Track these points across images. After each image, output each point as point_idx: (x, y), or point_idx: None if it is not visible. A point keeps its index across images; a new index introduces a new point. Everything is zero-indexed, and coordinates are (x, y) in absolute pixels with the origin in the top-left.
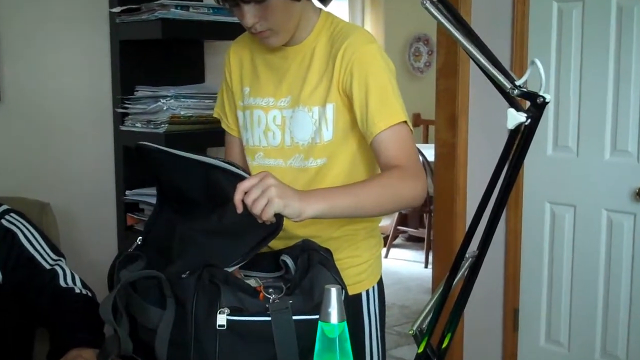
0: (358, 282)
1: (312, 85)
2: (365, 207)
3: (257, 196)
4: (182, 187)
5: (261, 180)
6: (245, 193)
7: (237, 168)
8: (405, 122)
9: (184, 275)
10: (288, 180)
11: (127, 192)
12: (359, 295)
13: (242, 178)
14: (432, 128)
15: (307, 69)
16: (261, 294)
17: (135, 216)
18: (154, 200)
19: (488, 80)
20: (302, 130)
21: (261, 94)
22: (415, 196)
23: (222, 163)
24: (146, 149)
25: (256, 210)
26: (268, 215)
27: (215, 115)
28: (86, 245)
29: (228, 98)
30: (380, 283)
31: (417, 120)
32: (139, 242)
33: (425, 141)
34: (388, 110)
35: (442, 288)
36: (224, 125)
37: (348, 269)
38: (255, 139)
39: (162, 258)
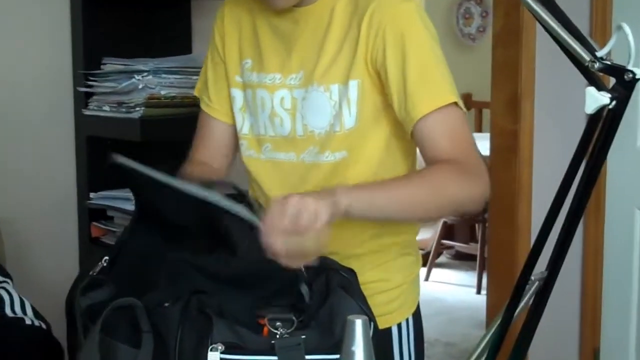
0: (387, 313)
1: (330, 56)
2: (409, 208)
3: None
4: (171, 218)
5: (291, 216)
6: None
7: (251, 207)
8: (456, 103)
9: (166, 304)
10: (295, 180)
11: (92, 196)
12: (389, 331)
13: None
14: (486, 112)
15: (324, 36)
16: (265, 328)
17: (102, 226)
18: (126, 206)
19: (560, 51)
20: (317, 116)
21: (265, 69)
22: (473, 198)
23: (229, 203)
24: (124, 169)
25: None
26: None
27: (196, 94)
28: (39, 264)
29: (217, 71)
30: (417, 314)
31: (467, 102)
32: (104, 264)
33: (478, 129)
34: (432, 88)
35: (499, 321)
36: (203, 106)
37: (374, 296)
38: (261, 127)
39: (135, 287)
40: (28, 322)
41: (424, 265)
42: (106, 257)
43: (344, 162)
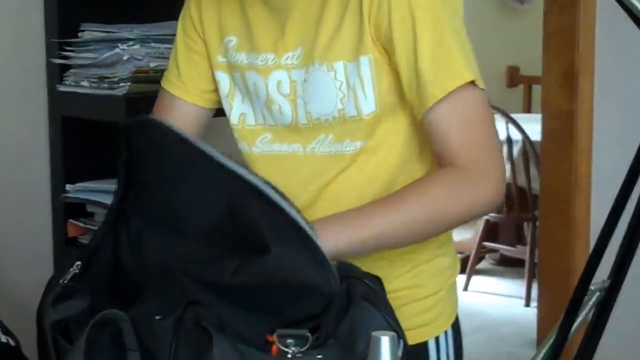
0: (422, 325)
1: (331, 29)
2: (406, 238)
3: None
4: (183, 205)
5: None
6: None
7: (276, 191)
8: (474, 82)
9: (157, 317)
10: (311, 173)
11: (68, 188)
12: (424, 346)
13: (281, 211)
14: (537, 89)
15: (322, 5)
16: (274, 347)
17: (81, 224)
18: (109, 200)
19: (626, 17)
20: (321, 101)
21: (255, 48)
22: (477, 212)
23: (260, 182)
24: (154, 125)
25: None
26: None
27: (164, 86)
28: (5, 269)
29: (185, 45)
30: (456, 326)
31: (513, 77)
32: (77, 270)
33: (527, 110)
34: (446, 66)
35: (553, 338)
36: (165, 84)
37: (406, 306)
38: (258, 115)
39: (116, 297)
40: None
41: (462, 271)
42: (79, 262)
43: (363, 152)
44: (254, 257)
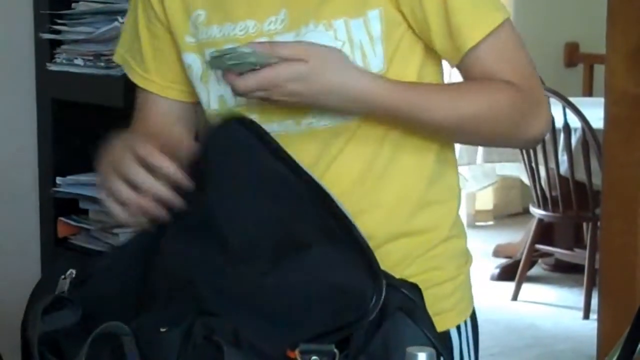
0: (443, 312)
1: None
2: (444, 120)
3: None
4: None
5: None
6: None
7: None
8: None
9: (162, 329)
10: (311, 153)
11: (59, 181)
12: (446, 335)
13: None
14: (599, 69)
15: None
16: None
17: (72, 222)
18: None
19: None
20: None
21: (229, 18)
22: (527, 130)
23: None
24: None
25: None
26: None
27: (116, 61)
28: None
29: (149, 31)
30: (474, 318)
31: (572, 55)
32: (70, 278)
33: (588, 92)
34: (481, 6)
35: (617, 355)
36: (135, 78)
37: (425, 291)
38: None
39: (114, 308)
40: None
41: (511, 279)
42: (72, 270)
43: (368, 122)
44: (291, 254)
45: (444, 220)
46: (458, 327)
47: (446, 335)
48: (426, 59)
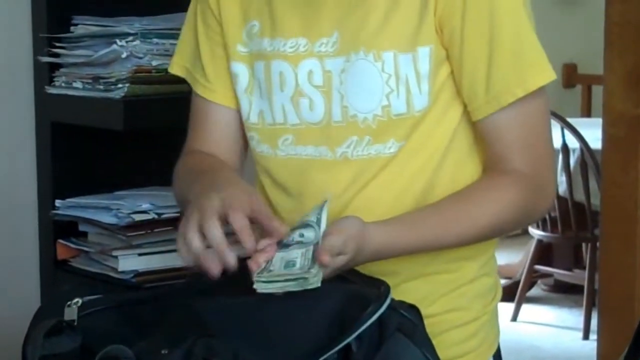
0: (465, 354)
1: (382, 13)
2: (449, 242)
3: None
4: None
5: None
6: None
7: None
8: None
9: (163, 351)
10: (344, 180)
11: (58, 204)
12: None
13: None
14: (597, 90)
15: None
16: None
17: (72, 245)
18: (104, 217)
19: None
20: (364, 94)
21: (281, 33)
22: (530, 221)
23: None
24: None
25: None
26: None
27: (174, 72)
28: None
29: (211, 38)
30: (497, 357)
31: (570, 76)
32: (76, 306)
33: (587, 113)
34: (525, 66)
35: None
36: (197, 87)
37: (447, 333)
38: (276, 112)
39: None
40: None
41: (511, 299)
42: (78, 300)
43: (404, 152)
44: None
45: (473, 262)
46: None
47: None
48: None
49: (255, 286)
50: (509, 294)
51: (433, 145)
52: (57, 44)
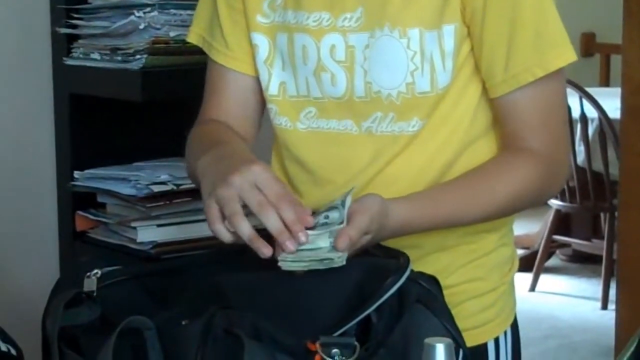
0: (482, 324)
1: None
2: (467, 218)
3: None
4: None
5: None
6: None
7: None
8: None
9: (184, 322)
10: (368, 155)
11: (76, 175)
12: (484, 348)
13: None
14: (616, 59)
15: None
16: (317, 356)
17: (91, 216)
18: (122, 189)
19: None
20: (388, 71)
21: (305, 6)
22: (546, 198)
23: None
24: None
25: None
26: None
27: (190, 41)
28: (6, 269)
29: (229, 6)
30: (515, 326)
31: (589, 45)
32: (95, 277)
33: (605, 82)
34: (547, 46)
35: (635, 345)
36: (215, 54)
37: (465, 303)
38: (300, 85)
39: (135, 306)
40: None
41: (529, 270)
42: (97, 271)
43: (426, 130)
44: None
45: (492, 234)
46: (496, 340)
47: (483, 348)
48: None
49: (280, 264)
50: (527, 264)
51: (454, 123)
52: (75, 15)
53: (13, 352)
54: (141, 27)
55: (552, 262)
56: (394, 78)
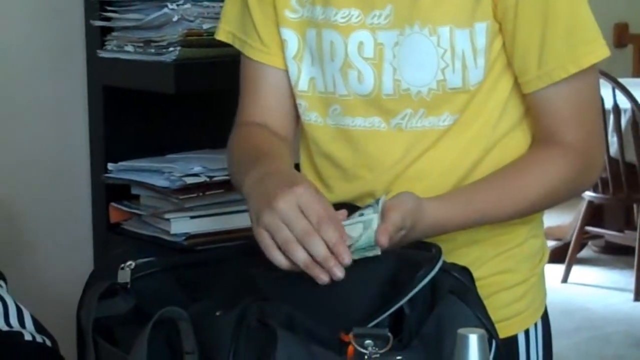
0: (512, 316)
1: None
2: (502, 215)
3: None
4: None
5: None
6: None
7: None
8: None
9: (218, 313)
10: (397, 152)
11: (110, 167)
12: (514, 340)
13: None
14: None
15: None
16: (350, 347)
17: (125, 208)
18: (156, 181)
19: None
20: (417, 68)
21: (335, 2)
22: (578, 193)
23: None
24: None
25: None
26: None
27: (220, 38)
28: (41, 260)
29: (260, 1)
30: (545, 318)
31: (622, 35)
32: (129, 268)
33: (638, 73)
34: (579, 41)
35: None
36: (249, 51)
37: (496, 295)
38: (328, 81)
39: (169, 297)
40: (28, 337)
41: (561, 261)
42: (131, 262)
43: (457, 125)
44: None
45: (523, 226)
46: (526, 332)
47: (513, 340)
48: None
49: None
50: (559, 256)
51: (485, 118)
52: (109, 8)
53: (48, 343)
54: (174, 19)
55: (585, 253)
56: (424, 76)
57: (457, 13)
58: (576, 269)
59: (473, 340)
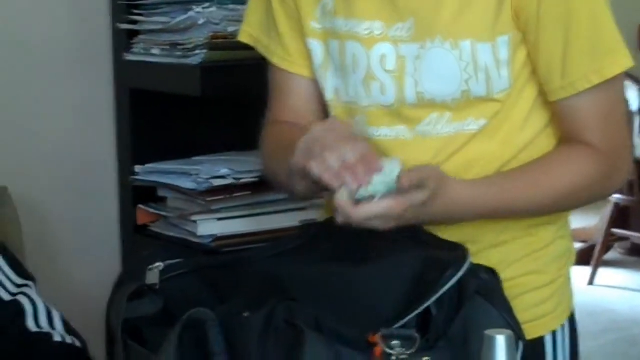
0: (539, 318)
1: (458, 1)
2: (526, 210)
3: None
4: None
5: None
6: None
7: None
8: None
9: (245, 314)
10: (422, 159)
11: (137, 169)
12: (541, 342)
13: None
14: None
15: None
16: (377, 348)
17: (151, 210)
18: (183, 183)
19: None
20: (440, 81)
21: (357, 14)
22: (603, 197)
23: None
24: None
25: None
26: None
27: (242, 40)
28: (70, 261)
29: (285, 11)
30: (572, 320)
31: None
32: (158, 270)
33: None
34: (602, 51)
35: None
36: (276, 59)
37: (522, 296)
38: (351, 92)
39: (197, 299)
40: (57, 338)
41: (588, 263)
42: (159, 264)
43: (484, 131)
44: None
45: (550, 226)
46: (553, 333)
47: (540, 341)
48: None
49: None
50: (585, 258)
51: (510, 125)
52: (135, 11)
53: (78, 344)
54: (200, 22)
55: (611, 255)
56: (447, 88)
57: (479, 26)
58: (602, 271)
59: (500, 342)
